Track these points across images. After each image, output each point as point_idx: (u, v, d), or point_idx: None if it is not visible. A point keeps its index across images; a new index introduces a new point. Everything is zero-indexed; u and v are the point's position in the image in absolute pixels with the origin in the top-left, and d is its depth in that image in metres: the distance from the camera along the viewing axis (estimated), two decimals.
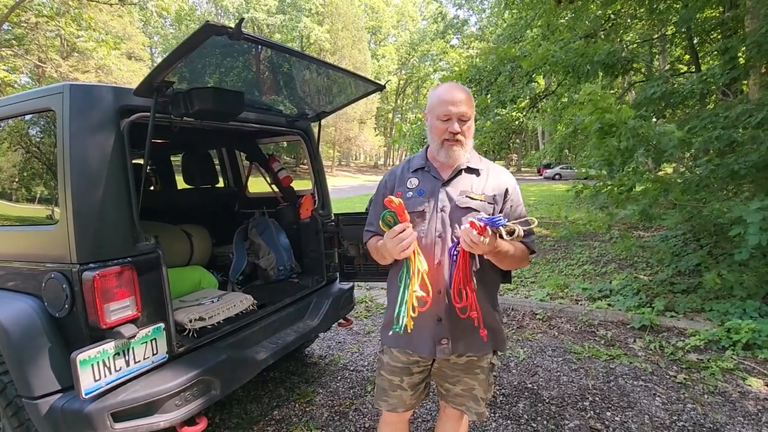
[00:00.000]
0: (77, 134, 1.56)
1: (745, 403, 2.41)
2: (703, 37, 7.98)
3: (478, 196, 1.39)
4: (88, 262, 1.55)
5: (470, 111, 1.39)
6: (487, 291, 1.44)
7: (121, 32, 17.62)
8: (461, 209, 1.37)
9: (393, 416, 1.59)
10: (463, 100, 1.37)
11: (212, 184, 3.31)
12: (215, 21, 1.34)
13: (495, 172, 1.47)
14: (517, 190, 1.47)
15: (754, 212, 3.05)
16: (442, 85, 1.47)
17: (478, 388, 1.50)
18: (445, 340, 1.40)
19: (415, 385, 1.54)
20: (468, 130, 1.40)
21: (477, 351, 1.45)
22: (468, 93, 1.41)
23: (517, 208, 1.45)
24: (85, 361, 1.46)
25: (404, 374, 1.51)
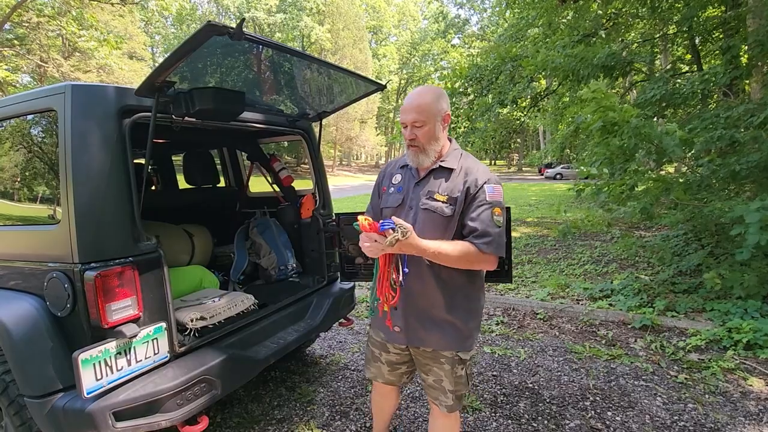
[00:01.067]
0: (79, 134, 1.56)
1: (747, 403, 2.40)
2: (704, 36, 7.96)
3: (441, 197, 1.45)
4: (90, 261, 1.55)
5: (422, 116, 1.43)
6: (446, 290, 1.49)
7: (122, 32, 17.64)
8: (423, 210, 1.47)
9: (378, 385, 1.79)
10: (414, 107, 1.44)
11: (213, 183, 3.31)
12: (216, 21, 1.34)
13: (467, 171, 1.47)
14: (487, 191, 1.43)
15: (754, 212, 3.05)
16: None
17: (445, 380, 1.55)
18: (397, 327, 1.55)
19: (392, 363, 1.69)
20: (425, 135, 1.45)
21: (430, 345, 1.53)
22: (423, 98, 1.45)
23: (480, 208, 1.41)
24: (87, 361, 1.47)
25: (382, 350, 1.70)
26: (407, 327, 1.53)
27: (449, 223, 1.45)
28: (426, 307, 1.50)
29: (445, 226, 1.45)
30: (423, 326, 1.51)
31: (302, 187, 3.14)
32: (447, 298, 1.49)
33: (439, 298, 1.49)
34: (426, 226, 1.45)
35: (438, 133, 1.48)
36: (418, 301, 1.50)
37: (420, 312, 1.49)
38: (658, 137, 3.66)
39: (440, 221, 1.45)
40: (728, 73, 4.86)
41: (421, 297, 1.49)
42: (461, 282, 1.51)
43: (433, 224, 1.45)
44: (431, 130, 1.46)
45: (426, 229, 1.43)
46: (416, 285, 1.49)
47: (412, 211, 1.50)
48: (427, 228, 1.44)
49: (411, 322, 1.52)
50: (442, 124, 1.49)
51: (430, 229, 1.44)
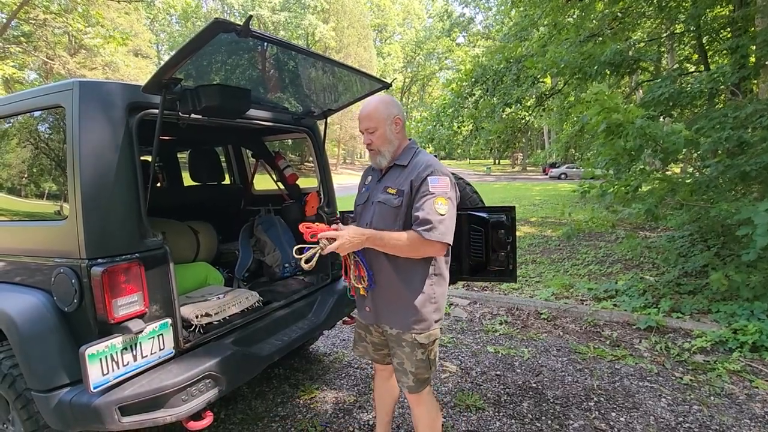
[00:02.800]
0: (86, 131, 1.57)
1: (752, 405, 2.39)
2: (712, 35, 7.89)
3: (392, 191, 1.60)
4: (97, 257, 1.56)
5: (372, 123, 1.60)
6: (404, 276, 1.62)
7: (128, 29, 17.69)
8: (376, 203, 1.64)
9: (378, 368, 1.93)
10: (365, 116, 1.62)
11: (218, 181, 3.32)
12: (224, 18, 1.34)
13: (416, 166, 1.59)
14: (430, 182, 1.53)
15: (763, 213, 3.02)
16: None
17: (406, 361, 1.66)
18: (368, 308, 1.72)
19: (375, 344, 1.82)
20: (378, 138, 1.61)
21: (392, 325, 1.66)
22: (373, 107, 1.62)
23: (422, 199, 1.52)
24: (94, 356, 1.47)
25: (365, 331, 1.84)
26: (375, 307, 1.70)
27: (398, 214, 1.58)
28: (388, 291, 1.65)
29: (394, 217, 1.59)
30: (387, 307, 1.67)
31: (306, 185, 3.14)
32: (405, 284, 1.62)
33: (398, 283, 1.62)
34: (378, 216, 1.62)
35: (390, 136, 1.63)
36: (381, 285, 1.65)
37: (384, 294, 1.66)
38: (663, 137, 3.64)
39: (390, 212, 1.60)
40: (736, 73, 4.82)
41: (384, 282, 1.64)
42: (419, 269, 1.62)
43: (384, 215, 1.61)
44: (383, 134, 1.61)
45: (378, 220, 1.62)
46: (380, 271, 1.64)
47: (373, 205, 1.66)
48: (379, 218, 1.62)
49: (378, 303, 1.69)
50: (393, 127, 1.63)
51: (381, 219, 1.61)
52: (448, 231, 1.51)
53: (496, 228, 2.42)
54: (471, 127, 8.98)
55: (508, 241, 2.41)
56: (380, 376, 1.96)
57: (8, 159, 2.04)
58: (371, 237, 1.50)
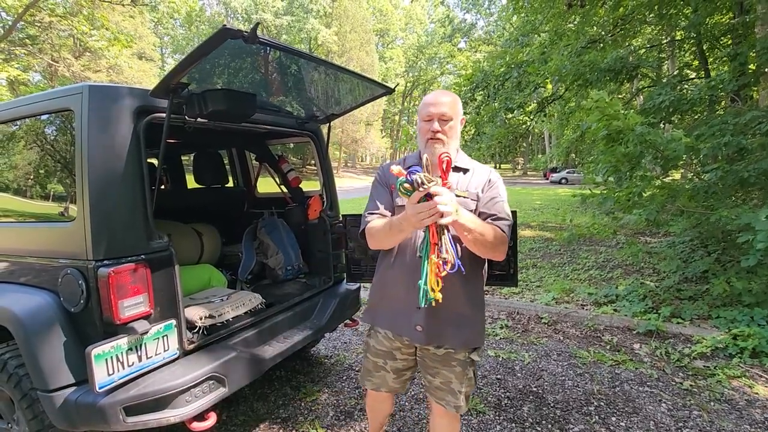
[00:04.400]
0: (95, 134, 1.60)
1: (752, 411, 2.39)
2: (712, 42, 7.93)
3: (462, 193, 1.48)
4: (104, 258, 1.59)
5: (451, 112, 1.48)
6: (467, 287, 1.49)
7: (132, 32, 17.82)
8: None
9: (376, 394, 1.76)
10: (444, 102, 1.48)
11: (222, 183, 3.35)
12: (231, 25, 1.37)
13: (480, 171, 1.56)
14: (499, 184, 1.52)
15: (763, 221, 3.04)
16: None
17: (455, 381, 1.55)
18: (419, 327, 1.49)
19: (398, 370, 1.65)
20: (450, 130, 1.48)
21: (452, 344, 1.52)
22: (452, 98, 1.51)
23: (494, 199, 1.48)
24: (100, 356, 1.50)
25: (388, 358, 1.64)
26: (428, 325, 1.48)
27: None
28: (449, 301, 1.36)
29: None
30: (448, 325, 1.49)
31: (308, 188, 3.17)
32: (466, 291, 1.49)
33: (460, 291, 1.46)
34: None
35: (458, 133, 1.54)
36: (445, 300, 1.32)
37: (443, 307, 1.35)
38: (663, 144, 3.66)
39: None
40: (736, 80, 4.85)
41: (449, 295, 1.37)
42: (476, 273, 1.52)
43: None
44: (454, 127, 1.50)
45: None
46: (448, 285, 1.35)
47: None
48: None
49: (433, 319, 1.47)
50: (460, 126, 1.55)
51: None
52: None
53: None
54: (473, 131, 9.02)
55: (509, 245, 2.43)
56: (376, 399, 1.82)
57: (17, 161, 2.07)
58: (463, 216, 1.28)
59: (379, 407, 1.87)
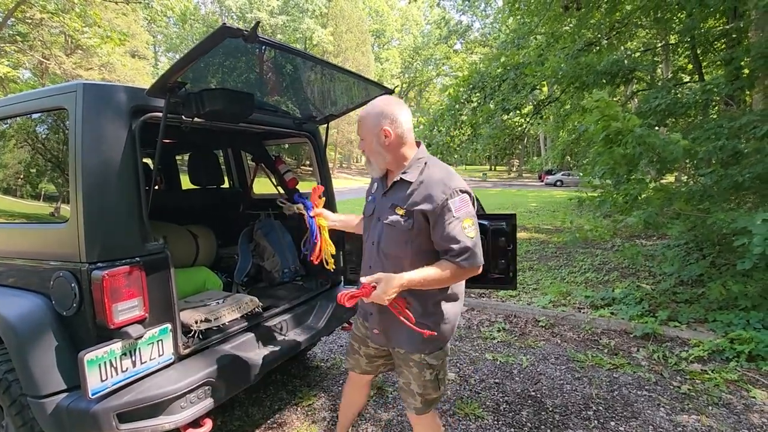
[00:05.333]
0: (90, 133, 1.55)
1: (750, 415, 2.40)
2: (706, 46, 8.01)
3: (400, 211, 1.48)
4: (97, 261, 1.54)
5: (360, 132, 1.54)
6: (417, 298, 1.51)
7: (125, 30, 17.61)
8: (385, 224, 1.52)
9: (353, 375, 1.86)
10: (358, 123, 1.55)
11: (218, 184, 3.30)
12: (231, 24, 1.34)
13: (426, 188, 1.45)
14: (452, 206, 1.41)
15: (760, 224, 3.05)
16: None
17: (413, 382, 1.59)
18: (376, 330, 1.64)
19: (370, 356, 1.76)
20: (366, 147, 1.54)
21: (402, 347, 1.58)
22: (361, 115, 1.54)
23: (443, 227, 1.41)
24: (93, 361, 1.45)
25: (362, 343, 1.77)
26: (384, 330, 1.61)
27: (409, 237, 1.47)
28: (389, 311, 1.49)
29: (405, 240, 1.48)
30: (398, 329, 1.54)
31: (304, 189, 3.13)
32: (418, 307, 1.52)
33: (409, 299, 1.51)
34: (388, 238, 1.52)
35: (377, 148, 1.50)
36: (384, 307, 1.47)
37: (393, 317, 1.48)
38: (661, 146, 3.67)
39: (400, 235, 1.48)
40: (731, 84, 4.88)
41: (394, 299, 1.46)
42: (433, 291, 1.51)
43: (394, 238, 1.50)
44: (369, 145, 1.53)
45: (388, 242, 1.52)
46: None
47: (380, 222, 1.56)
48: (389, 241, 1.51)
49: (387, 325, 1.59)
50: (382, 139, 1.48)
51: (391, 242, 1.51)
52: (480, 252, 1.43)
53: (497, 235, 2.42)
54: (469, 132, 9.03)
55: (508, 248, 2.41)
56: (354, 385, 1.90)
57: (9, 160, 2.02)
58: (406, 283, 1.37)
59: (352, 394, 1.94)
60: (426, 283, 1.40)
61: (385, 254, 1.53)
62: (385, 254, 1.53)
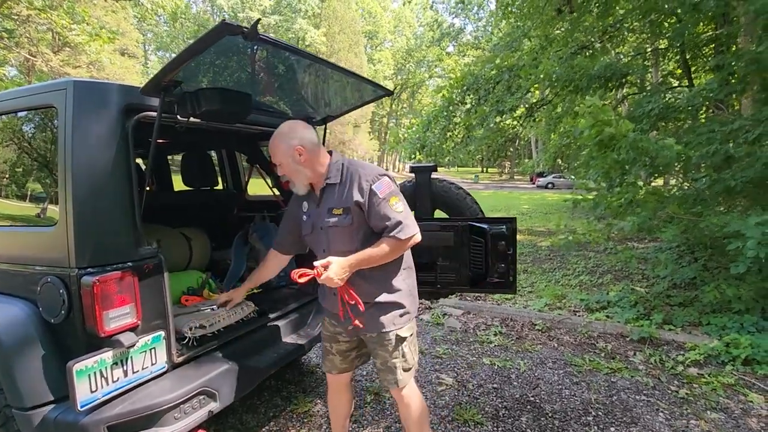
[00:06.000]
0: (80, 133, 1.49)
1: (748, 420, 2.40)
2: (695, 51, 8.12)
3: (338, 211, 1.61)
4: (88, 266, 1.48)
5: (276, 159, 1.63)
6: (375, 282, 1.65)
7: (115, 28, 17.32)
8: (328, 228, 1.63)
9: (330, 377, 1.90)
10: (270, 151, 1.64)
11: (211, 185, 3.22)
12: (230, 21, 1.29)
13: (350, 182, 1.62)
14: (376, 190, 1.57)
15: (753, 227, 3.08)
16: None
17: (390, 359, 1.69)
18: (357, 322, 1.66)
19: (342, 351, 1.82)
20: (286, 171, 1.64)
21: (377, 329, 1.66)
22: (274, 143, 1.63)
23: (376, 208, 1.57)
24: (82, 371, 1.39)
25: (332, 341, 1.83)
26: (363, 318, 1.66)
27: (353, 232, 1.61)
28: (365, 298, 1.63)
29: (350, 236, 1.61)
30: (371, 314, 1.66)
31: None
32: (382, 288, 1.66)
33: (374, 290, 1.65)
34: (335, 240, 1.63)
35: (296, 167, 1.62)
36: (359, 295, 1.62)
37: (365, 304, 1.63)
38: (655, 151, 3.69)
39: (345, 232, 1.61)
40: (723, 89, 4.94)
41: (361, 294, 1.63)
42: (391, 269, 1.67)
43: (340, 237, 1.62)
44: (288, 167, 1.63)
45: (336, 244, 1.62)
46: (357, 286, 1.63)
47: (323, 231, 1.65)
48: (336, 242, 1.63)
49: (363, 313, 1.65)
50: (296, 157, 1.60)
51: (339, 242, 1.62)
52: (413, 223, 1.60)
53: (497, 239, 2.40)
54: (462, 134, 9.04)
55: (508, 252, 2.39)
56: (335, 389, 1.93)
57: None
58: (355, 263, 1.54)
59: (336, 402, 1.95)
60: (372, 260, 1.56)
61: (339, 253, 1.59)
62: (338, 253, 1.59)
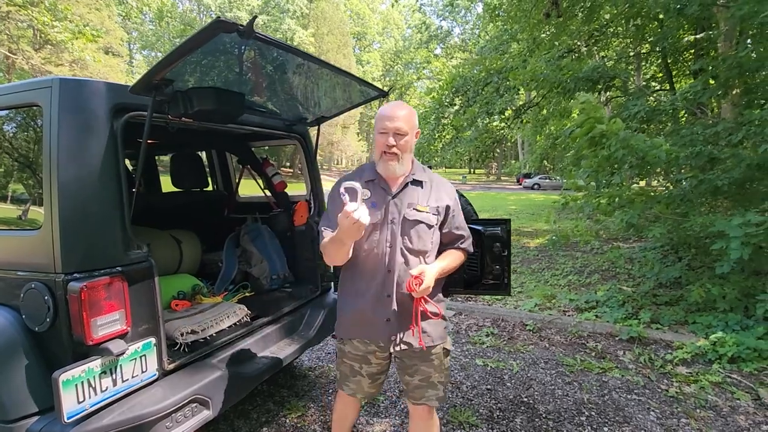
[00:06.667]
0: (66, 132, 1.44)
1: (737, 417, 2.44)
2: (676, 56, 8.31)
3: (423, 208, 1.55)
4: (75, 271, 1.42)
5: (406, 127, 1.50)
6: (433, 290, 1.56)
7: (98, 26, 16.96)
8: (410, 221, 1.54)
9: (346, 398, 1.75)
10: (399, 117, 1.50)
11: (201, 187, 3.16)
12: (225, 18, 1.26)
13: (437, 185, 1.63)
14: (457, 201, 1.66)
15: (736, 228, 3.14)
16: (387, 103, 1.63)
17: (434, 374, 1.62)
18: (394, 336, 1.57)
19: (373, 374, 1.67)
20: (405, 144, 1.52)
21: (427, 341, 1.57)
22: (408, 111, 1.53)
23: (457, 218, 1.64)
24: (69, 381, 1.33)
25: (363, 362, 1.66)
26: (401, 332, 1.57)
27: (433, 232, 1.58)
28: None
29: (430, 235, 1.57)
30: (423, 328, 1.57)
31: (293, 191, 3.03)
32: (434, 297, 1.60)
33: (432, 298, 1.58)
34: (414, 236, 1.54)
35: (412, 146, 1.58)
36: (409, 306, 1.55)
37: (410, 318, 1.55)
38: (644, 150, 3.75)
39: (426, 230, 1.56)
40: (705, 93, 5.06)
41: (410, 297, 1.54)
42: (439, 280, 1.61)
43: (421, 234, 1.55)
44: (409, 142, 1.54)
45: (416, 240, 1.54)
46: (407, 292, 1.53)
47: (393, 225, 1.54)
48: (417, 238, 1.55)
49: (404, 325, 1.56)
50: (415, 139, 1.58)
51: (419, 239, 1.55)
52: None
53: (492, 241, 2.40)
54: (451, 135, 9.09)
55: (503, 254, 2.39)
56: (345, 402, 1.81)
57: None
58: (439, 273, 1.51)
59: (347, 413, 1.86)
60: (448, 271, 1.57)
61: (411, 251, 1.54)
62: (411, 251, 1.54)
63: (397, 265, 1.52)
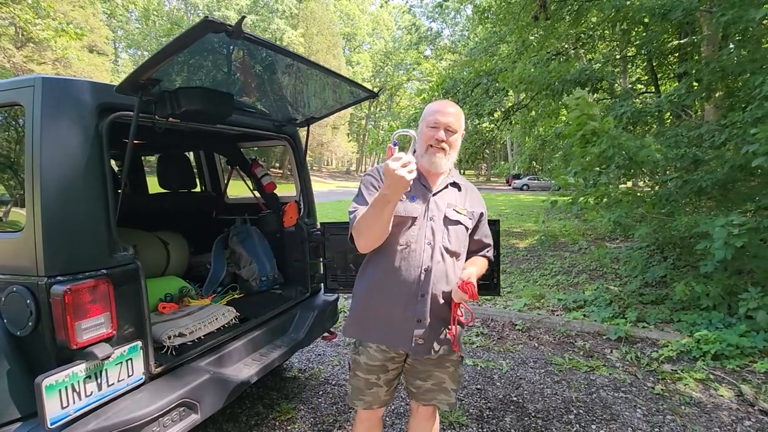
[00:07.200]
0: (49, 133, 1.41)
1: (720, 413, 2.49)
2: (661, 59, 8.48)
3: (462, 210, 1.55)
4: (58, 274, 1.39)
5: (457, 125, 1.49)
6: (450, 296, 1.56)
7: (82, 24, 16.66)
8: (451, 221, 1.52)
9: (368, 413, 1.67)
10: (451, 113, 1.49)
11: (189, 188, 3.12)
12: (213, 17, 1.25)
13: (471, 191, 1.66)
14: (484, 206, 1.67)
15: (719, 228, 3.21)
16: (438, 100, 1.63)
17: (448, 380, 1.61)
18: (421, 339, 1.49)
19: (389, 381, 1.63)
20: (454, 141, 1.50)
21: (447, 350, 1.56)
22: (458, 110, 1.53)
23: (486, 226, 1.67)
24: (52, 386, 1.30)
25: (380, 372, 1.59)
26: (429, 336, 1.49)
27: (466, 235, 1.56)
28: (446, 312, 1.51)
29: (465, 238, 1.56)
30: (441, 332, 1.52)
31: (282, 192, 3.01)
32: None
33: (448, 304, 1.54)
34: (453, 237, 1.51)
35: (458, 148, 1.55)
36: (441, 308, 1.50)
37: (441, 319, 1.50)
38: (634, 150, 3.81)
39: (463, 233, 1.54)
40: (690, 95, 5.17)
41: (445, 303, 1.50)
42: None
43: (460, 236, 1.53)
44: (457, 140, 1.52)
45: (455, 241, 1.51)
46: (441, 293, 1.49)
47: (432, 221, 1.49)
48: (455, 239, 1.51)
49: (435, 329, 1.50)
50: (460, 140, 1.56)
51: (457, 241, 1.52)
52: None
53: None
54: None
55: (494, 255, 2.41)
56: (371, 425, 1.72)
57: None
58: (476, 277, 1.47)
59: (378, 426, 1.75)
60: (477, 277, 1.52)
61: (449, 252, 1.49)
62: (449, 252, 1.49)
63: (434, 264, 1.46)
